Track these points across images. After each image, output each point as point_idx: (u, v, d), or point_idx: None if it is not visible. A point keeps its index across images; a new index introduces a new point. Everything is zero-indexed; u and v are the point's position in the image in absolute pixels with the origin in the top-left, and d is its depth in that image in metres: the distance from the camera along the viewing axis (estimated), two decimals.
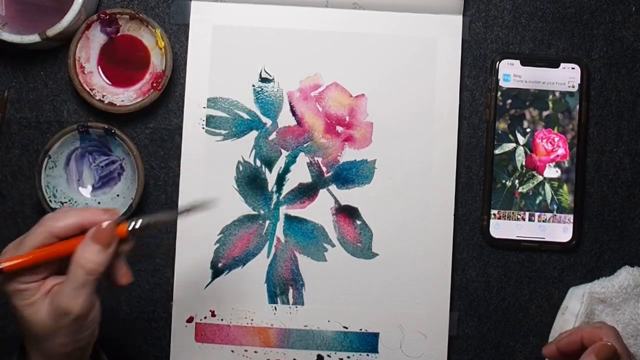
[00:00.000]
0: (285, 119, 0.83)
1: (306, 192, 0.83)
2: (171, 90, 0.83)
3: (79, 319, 0.62)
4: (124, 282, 0.66)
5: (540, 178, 0.83)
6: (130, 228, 0.64)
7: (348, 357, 0.82)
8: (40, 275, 0.63)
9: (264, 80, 0.83)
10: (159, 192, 0.83)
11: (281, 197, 0.82)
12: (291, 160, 0.83)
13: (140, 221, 0.65)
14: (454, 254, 0.83)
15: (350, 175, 0.83)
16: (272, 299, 0.82)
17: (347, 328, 0.82)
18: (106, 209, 0.65)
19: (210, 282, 0.82)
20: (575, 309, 0.80)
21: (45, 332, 0.62)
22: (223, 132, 0.82)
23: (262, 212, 0.82)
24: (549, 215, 0.82)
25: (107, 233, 0.63)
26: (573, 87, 0.83)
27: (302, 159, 0.83)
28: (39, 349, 0.64)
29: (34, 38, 0.78)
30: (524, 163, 0.83)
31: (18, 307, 0.63)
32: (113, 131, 0.79)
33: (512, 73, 0.83)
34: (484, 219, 0.83)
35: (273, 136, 0.83)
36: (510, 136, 0.83)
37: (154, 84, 0.81)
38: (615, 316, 0.80)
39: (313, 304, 0.82)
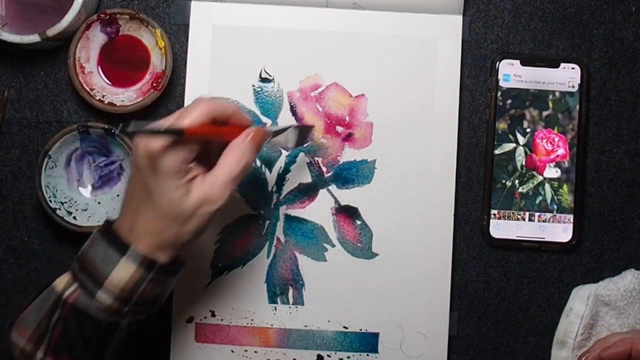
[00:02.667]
0: (285, 118, 0.83)
1: (306, 192, 0.83)
2: (171, 90, 0.83)
3: (218, 210, 0.67)
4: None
5: (540, 178, 0.83)
6: (268, 130, 0.72)
7: (348, 357, 0.82)
8: (191, 155, 0.66)
9: (264, 80, 0.83)
10: None
11: (281, 197, 0.82)
12: (291, 160, 0.83)
13: (273, 132, 0.73)
14: (454, 254, 0.83)
15: (350, 175, 0.83)
16: (272, 299, 0.82)
17: (347, 328, 0.82)
18: (246, 115, 0.71)
19: (210, 282, 0.82)
20: (580, 310, 0.80)
21: (185, 216, 0.66)
22: None
23: (262, 212, 0.82)
24: (549, 215, 0.82)
25: (261, 136, 0.69)
26: (573, 87, 0.83)
27: (302, 159, 0.83)
28: (162, 233, 0.67)
29: (34, 38, 0.78)
30: (524, 163, 0.83)
31: (166, 188, 0.65)
32: (113, 131, 0.79)
33: (512, 73, 0.83)
34: (484, 219, 0.83)
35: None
36: (510, 136, 0.83)
37: (154, 84, 0.81)
38: (620, 319, 0.80)
39: (313, 304, 0.82)
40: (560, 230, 0.83)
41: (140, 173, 0.66)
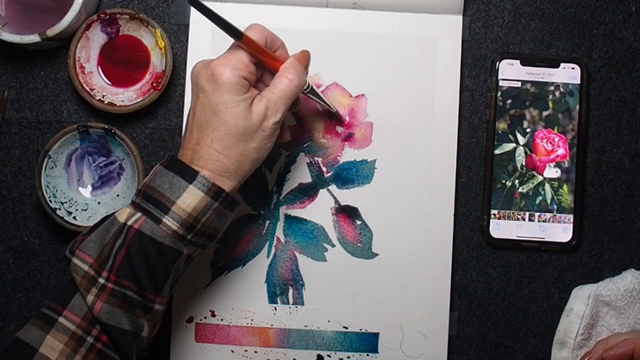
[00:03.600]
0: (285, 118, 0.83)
1: (306, 192, 0.83)
2: (171, 90, 0.83)
3: (277, 124, 0.71)
4: (288, 139, 0.80)
5: (540, 178, 0.83)
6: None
7: (348, 357, 0.82)
8: (251, 74, 0.71)
9: None
10: None
11: (281, 197, 0.82)
12: (291, 160, 0.83)
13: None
14: (454, 254, 0.83)
15: (350, 175, 0.83)
16: (272, 299, 0.82)
17: (347, 328, 0.82)
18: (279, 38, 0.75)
19: (210, 282, 0.82)
20: (580, 310, 0.80)
21: (249, 131, 0.70)
22: None
23: (262, 212, 0.82)
24: (549, 215, 0.82)
25: (307, 57, 0.74)
26: (573, 87, 0.83)
27: (302, 159, 0.83)
28: (228, 153, 0.69)
29: (34, 38, 0.78)
30: (524, 163, 0.83)
31: (232, 103, 0.69)
32: (113, 131, 0.79)
33: (512, 73, 0.83)
34: (484, 219, 0.83)
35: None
36: (510, 136, 0.83)
37: (154, 84, 0.81)
38: (620, 319, 0.80)
39: (313, 304, 0.82)
40: (560, 230, 0.83)
41: (204, 94, 0.70)
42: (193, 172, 0.69)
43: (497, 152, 0.83)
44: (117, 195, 0.82)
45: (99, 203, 0.82)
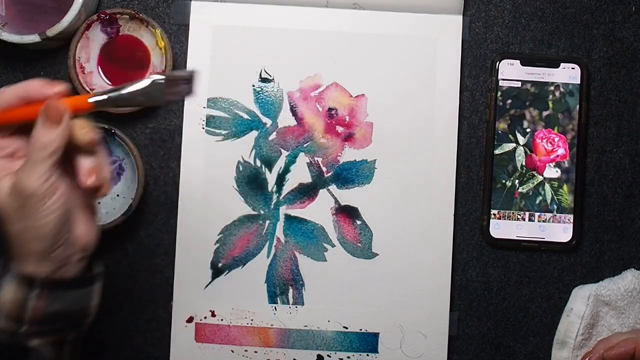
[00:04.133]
0: (285, 119, 0.83)
1: (306, 192, 0.83)
2: None
3: (34, 197, 0.60)
4: (89, 184, 0.63)
5: (540, 178, 0.83)
6: (93, 100, 0.62)
7: (348, 357, 0.82)
8: (5, 147, 0.62)
9: (264, 80, 0.83)
10: (159, 192, 0.83)
11: (281, 197, 0.82)
12: (291, 160, 0.83)
13: (107, 94, 0.62)
14: (454, 254, 0.83)
15: (350, 175, 0.83)
16: (272, 299, 0.82)
17: (347, 328, 0.82)
18: (52, 82, 0.63)
19: (210, 282, 0.82)
20: (580, 310, 0.80)
21: (6, 211, 0.61)
22: (223, 132, 0.82)
23: (262, 212, 0.82)
24: (549, 215, 0.82)
25: (54, 108, 0.61)
26: (573, 87, 0.83)
27: (302, 159, 0.83)
28: (16, 241, 0.62)
29: (34, 38, 0.78)
30: (524, 163, 0.83)
31: None
32: (113, 131, 0.79)
33: (512, 73, 0.83)
34: (484, 219, 0.83)
35: (273, 136, 0.83)
36: (510, 136, 0.83)
37: None
38: (620, 319, 0.80)
39: (313, 304, 0.82)
40: (560, 230, 0.83)
41: None
42: (6, 265, 0.63)
43: (497, 152, 0.83)
44: (117, 195, 0.82)
45: (99, 203, 0.81)
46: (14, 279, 0.63)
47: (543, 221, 0.82)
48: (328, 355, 0.82)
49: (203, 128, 0.82)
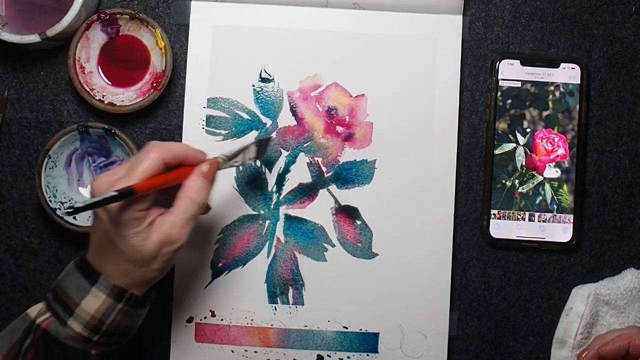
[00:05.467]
0: (285, 119, 0.83)
1: (306, 192, 0.83)
2: (171, 90, 0.83)
3: (181, 247, 0.69)
4: (207, 212, 0.76)
5: (540, 178, 0.83)
6: (221, 159, 0.73)
7: (348, 357, 0.82)
8: (147, 204, 0.67)
9: (264, 80, 0.83)
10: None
11: (281, 197, 0.83)
12: (291, 160, 0.83)
13: (228, 157, 0.74)
14: (454, 254, 0.83)
15: (350, 175, 0.83)
16: (272, 299, 0.82)
17: (347, 328, 0.82)
18: (199, 150, 0.72)
19: (210, 282, 0.82)
20: (580, 310, 0.80)
21: (148, 258, 0.68)
22: (223, 132, 0.82)
23: (262, 212, 0.82)
24: (549, 215, 0.82)
25: (213, 170, 0.71)
26: (573, 87, 0.83)
27: (302, 159, 0.83)
28: (128, 275, 0.68)
29: (34, 38, 0.78)
30: (524, 163, 0.83)
31: (127, 236, 0.67)
32: (113, 131, 0.79)
33: (512, 73, 0.83)
34: (484, 219, 0.83)
35: (273, 136, 0.83)
36: (510, 136, 0.83)
37: (154, 84, 0.81)
38: (620, 318, 0.80)
39: (313, 304, 0.82)
40: (560, 230, 0.83)
41: (101, 223, 0.68)
42: (96, 274, 0.69)
43: (497, 152, 0.83)
44: None
45: None
46: (106, 289, 0.68)
47: (543, 221, 0.82)
48: (328, 355, 0.82)
49: (203, 128, 0.82)
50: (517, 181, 0.83)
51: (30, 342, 0.68)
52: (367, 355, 0.82)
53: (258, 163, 0.82)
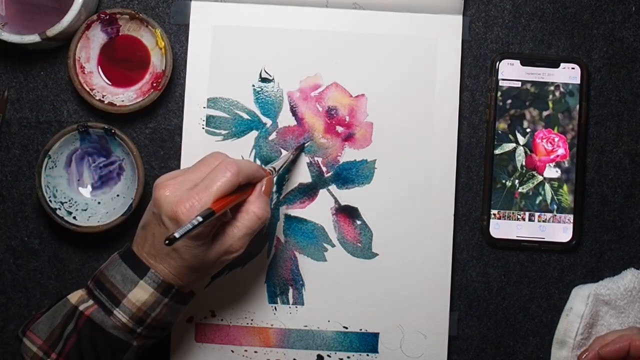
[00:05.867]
0: (285, 119, 0.83)
1: (306, 192, 0.83)
2: (171, 90, 0.83)
3: (238, 257, 0.71)
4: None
5: (540, 178, 0.83)
6: (272, 171, 0.76)
7: (348, 357, 0.82)
8: (217, 223, 0.70)
9: (264, 80, 0.83)
10: None
11: (281, 197, 0.82)
12: (291, 160, 0.83)
13: (276, 168, 0.76)
14: (454, 254, 0.83)
15: (350, 175, 0.83)
16: (272, 299, 0.82)
17: (347, 328, 0.82)
18: (261, 167, 0.74)
19: (210, 282, 0.82)
20: (580, 310, 0.80)
21: (208, 266, 0.71)
22: (223, 132, 0.82)
23: None
24: (549, 215, 0.82)
25: (271, 187, 0.73)
26: (573, 87, 0.83)
27: (302, 159, 0.83)
28: (183, 276, 0.70)
29: (34, 38, 0.78)
30: (524, 163, 0.83)
31: (191, 247, 0.68)
32: (113, 131, 0.79)
33: (512, 73, 0.83)
34: (484, 219, 0.83)
35: (273, 136, 0.83)
36: (510, 136, 0.83)
37: (154, 84, 0.81)
38: (620, 318, 0.80)
39: (313, 304, 0.82)
40: (560, 230, 0.83)
41: (163, 228, 0.69)
42: (145, 267, 0.70)
43: (497, 152, 0.83)
44: (117, 195, 0.82)
45: (99, 203, 0.81)
46: (154, 283, 0.70)
47: (543, 221, 0.82)
48: (328, 355, 0.82)
49: (203, 128, 0.82)
50: (517, 181, 0.83)
51: (73, 328, 0.69)
52: (367, 355, 0.82)
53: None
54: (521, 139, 0.83)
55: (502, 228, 0.82)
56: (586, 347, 0.79)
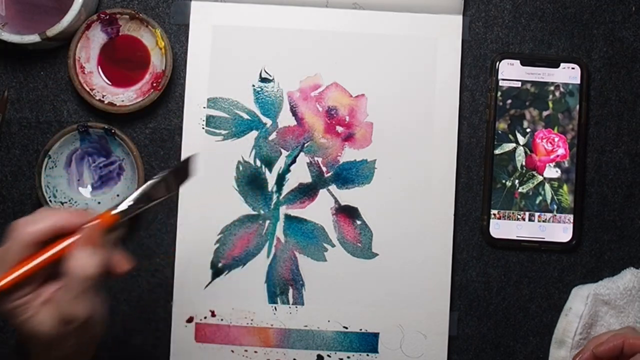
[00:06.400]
0: (285, 119, 0.83)
1: (306, 192, 0.83)
2: (171, 90, 0.83)
3: (85, 321, 0.61)
4: (125, 269, 0.63)
5: (540, 178, 0.83)
6: (115, 212, 0.63)
7: (348, 357, 0.82)
8: (34, 285, 0.60)
9: (264, 80, 0.83)
10: None
11: (281, 197, 0.82)
12: (291, 160, 0.83)
13: (125, 203, 0.63)
14: (454, 254, 0.83)
15: (350, 175, 0.83)
16: (272, 299, 0.82)
17: (347, 328, 0.82)
18: (77, 211, 0.64)
19: (210, 282, 0.82)
20: (579, 310, 0.80)
21: (53, 340, 0.60)
22: (223, 132, 0.82)
23: (262, 212, 0.82)
24: (549, 215, 0.82)
25: (96, 233, 0.61)
26: (573, 87, 0.83)
27: (302, 159, 0.83)
28: (49, 355, 0.62)
29: (34, 38, 0.78)
30: (524, 163, 0.83)
31: (21, 323, 0.60)
32: (113, 131, 0.79)
33: (512, 73, 0.83)
34: (484, 219, 0.83)
35: (273, 136, 0.83)
36: (510, 136, 0.83)
37: (154, 84, 0.81)
38: (620, 318, 0.80)
39: (313, 304, 0.82)
40: (560, 230, 0.83)
41: None
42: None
43: (497, 152, 0.83)
44: (117, 195, 0.82)
45: (99, 203, 0.82)
46: None
47: (543, 221, 0.82)
48: (328, 355, 0.82)
49: (203, 128, 0.82)
50: (517, 181, 0.83)
51: None
52: (367, 355, 0.82)
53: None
54: (521, 139, 0.83)
55: (502, 228, 0.82)
56: (581, 348, 0.79)
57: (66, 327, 0.60)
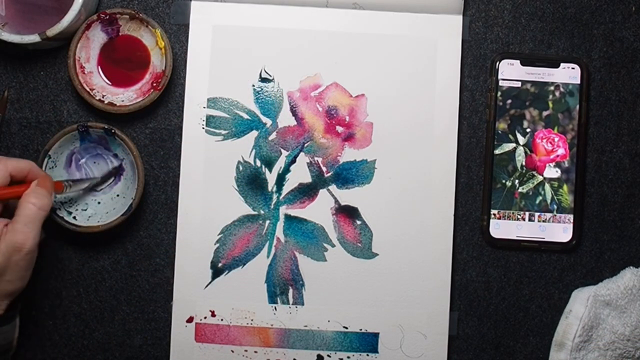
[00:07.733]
0: (285, 119, 0.83)
1: (306, 192, 0.83)
2: (171, 90, 0.83)
3: (30, 253, 0.68)
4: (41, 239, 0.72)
5: (540, 178, 0.83)
6: (65, 189, 0.76)
7: (348, 357, 0.82)
8: None
9: (264, 80, 0.83)
10: (159, 192, 0.83)
11: (281, 197, 0.82)
12: (291, 160, 0.83)
13: (73, 181, 0.77)
14: (454, 254, 0.83)
15: (350, 175, 0.83)
16: (272, 299, 0.82)
17: (347, 328, 0.82)
18: (45, 173, 0.74)
19: (210, 282, 0.82)
20: (579, 312, 0.80)
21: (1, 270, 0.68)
22: (223, 132, 0.82)
23: (262, 212, 0.82)
24: (549, 215, 0.82)
25: (50, 182, 0.72)
26: (573, 87, 0.83)
27: (302, 159, 0.83)
28: None
29: (34, 38, 0.78)
30: (524, 163, 0.83)
31: None
32: (113, 131, 0.79)
33: (512, 73, 0.83)
34: (484, 219, 0.83)
35: (273, 136, 0.83)
36: (510, 136, 0.83)
37: (154, 84, 0.81)
38: (622, 319, 0.80)
39: (313, 304, 0.82)
40: (560, 230, 0.83)
41: None
42: None
43: (497, 152, 0.83)
44: (117, 195, 0.82)
45: (99, 203, 0.81)
46: None
47: (543, 221, 0.82)
48: (328, 355, 0.82)
49: (203, 128, 0.82)
50: (517, 181, 0.83)
51: None
52: (367, 355, 0.82)
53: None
54: (521, 139, 0.83)
55: (502, 228, 0.83)
56: (587, 352, 0.79)
57: (13, 256, 0.67)
